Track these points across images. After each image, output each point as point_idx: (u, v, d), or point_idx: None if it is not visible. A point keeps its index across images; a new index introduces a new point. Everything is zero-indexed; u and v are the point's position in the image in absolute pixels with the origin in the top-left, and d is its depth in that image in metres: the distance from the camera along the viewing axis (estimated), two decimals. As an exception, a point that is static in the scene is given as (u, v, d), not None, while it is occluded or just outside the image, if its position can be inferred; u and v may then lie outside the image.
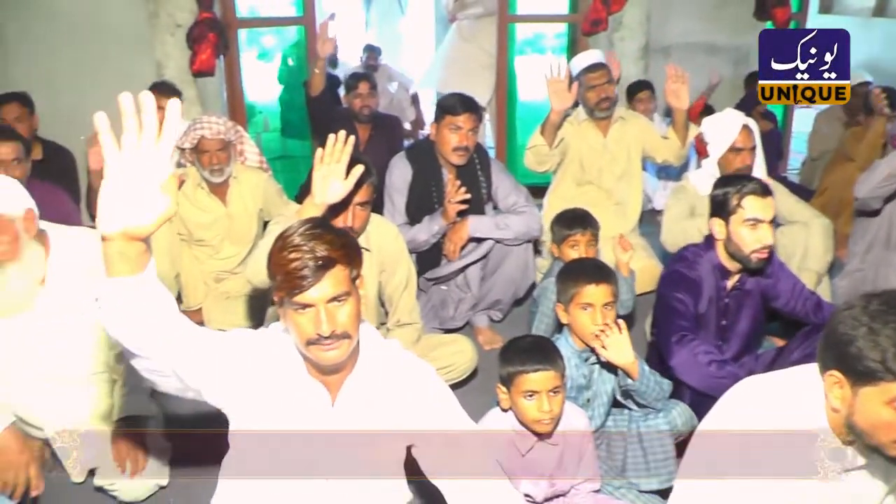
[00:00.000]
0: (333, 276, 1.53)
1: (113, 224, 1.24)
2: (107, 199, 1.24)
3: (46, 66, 4.67)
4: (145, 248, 1.31)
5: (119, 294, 1.31)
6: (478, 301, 3.45)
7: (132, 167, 1.22)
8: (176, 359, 1.47)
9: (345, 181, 2.26)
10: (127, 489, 2.46)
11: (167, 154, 1.24)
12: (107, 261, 1.30)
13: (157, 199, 1.24)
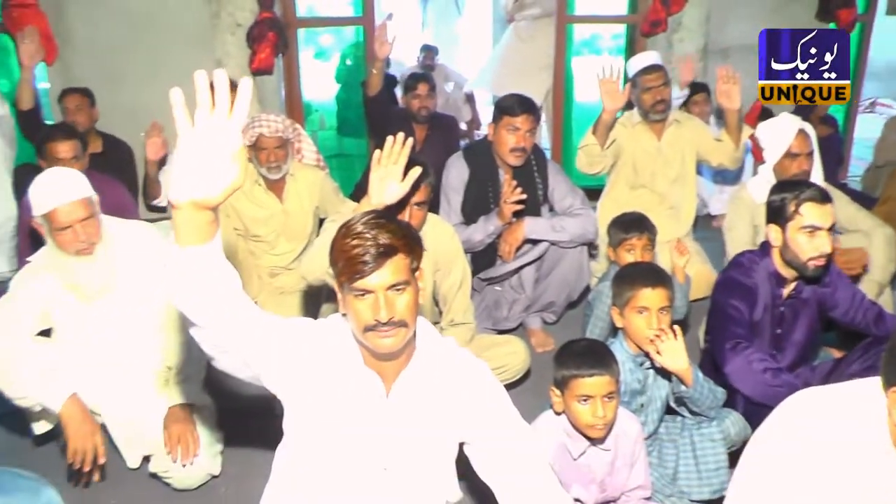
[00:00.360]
0: (394, 264, 1.56)
1: (183, 193, 1.28)
2: (178, 169, 1.27)
3: (110, 63, 4.81)
4: (213, 218, 1.35)
5: (186, 262, 1.35)
6: (531, 303, 3.45)
7: (203, 141, 1.26)
8: (237, 334, 1.50)
9: (402, 183, 2.27)
10: (180, 477, 2.52)
11: (237, 129, 1.27)
12: (176, 229, 1.33)
13: (226, 172, 1.27)
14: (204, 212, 1.32)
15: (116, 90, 4.60)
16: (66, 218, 2.37)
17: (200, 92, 1.24)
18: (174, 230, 1.34)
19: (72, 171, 2.52)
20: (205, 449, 2.54)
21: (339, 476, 1.72)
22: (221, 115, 1.26)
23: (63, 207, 2.37)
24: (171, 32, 4.82)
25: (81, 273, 2.48)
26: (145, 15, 4.78)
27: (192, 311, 1.42)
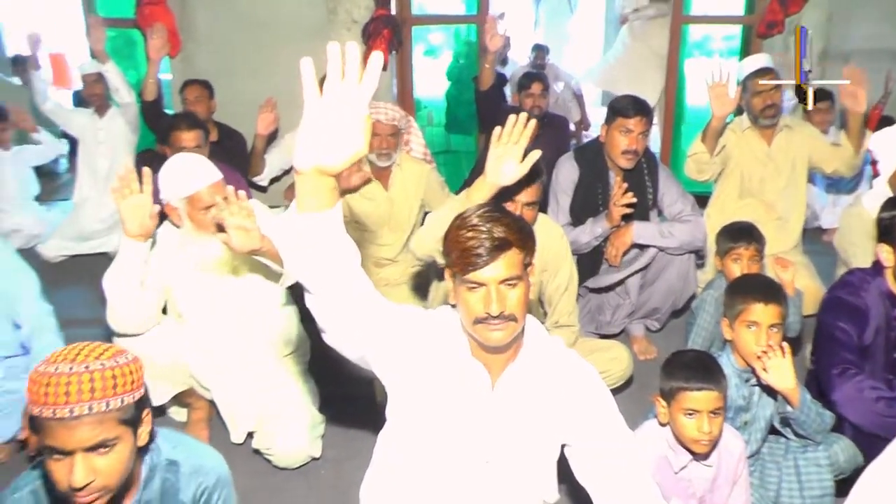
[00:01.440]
0: (507, 259, 1.57)
1: (307, 160, 1.31)
2: (303, 136, 1.30)
3: (229, 57, 5.01)
4: (334, 185, 1.37)
5: (305, 229, 1.38)
6: (635, 309, 3.41)
7: (330, 109, 1.27)
8: (351, 308, 1.52)
9: (520, 164, 2.24)
10: (281, 456, 2.61)
11: (365, 99, 1.28)
12: (298, 196, 1.37)
13: (352, 140, 1.29)
14: (326, 178, 1.34)
15: (234, 83, 4.78)
16: (209, 199, 2.52)
17: (331, 61, 1.25)
18: (296, 197, 1.38)
19: (202, 157, 2.66)
20: (307, 431, 2.62)
21: (441, 466, 1.74)
22: (350, 85, 1.27)
23: (205, 189, 2.52)
24: (288, 28, 4.97)
25: (216, 250, 2.60)
26: (265, 11, 4.95)
27: (308, 279, 1.45)
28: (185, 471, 1.62)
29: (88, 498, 1.39)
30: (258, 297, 2.72)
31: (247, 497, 2.49)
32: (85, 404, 1.34)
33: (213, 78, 4.46)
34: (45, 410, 1.33)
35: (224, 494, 1.68)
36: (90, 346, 1.43)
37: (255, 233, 2.35)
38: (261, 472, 2.65)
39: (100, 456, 1.38)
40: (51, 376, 1.34)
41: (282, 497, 2.55)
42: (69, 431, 1.34)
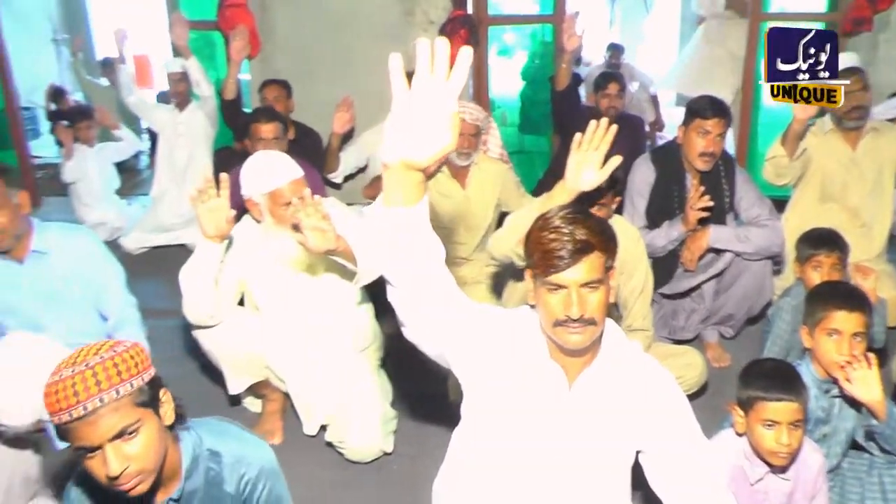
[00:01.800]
0: (589, 262, 1.56)
1: (394, 153, 1.32)
2: (391, 131, 1.31)
3: (307, 58, 5.09)
4: (422, 180, 1.38)
5: (391, 223, 1.40)
6: (710, 314, 3.34)
7: (418, 104, 1.28)
8: (432, 303, 1.54)
9: (600, 171, 2.24)
10: (354, 449, 2.66)
11: (454, 95, 1.28)
12: (385, 189, 1.39)
13: (440, 134, 1.29)
14: (414, 173, 1.36)
15: (311, 83, 4.85)
16: (290, 194, 2.57)
17: (420, 55, 1.26)
18: (383, 191, 1.40)
19: (284, 154, 2.71)
20: (379, 426, 2.66)
21: (514, 466, 1.74)
22: (439, 80, 1.27)
23: (286, 186, 2.58)
24: (365, 29, 5.03)
25: (296, 246, 2.63)
26: (342, 13, 5.01)
27: (392, 272, 1.47)
28: (228, 461, 1.64)
29: (129, 484, 1.43)
30: (335, 293, 2.76)
31: (319, 489, 2.55)
32: (95, 397, 1.36)
33: (291, 78, 4.54)
34: (62, 416, 1.36)
35: (269, 486, 1.69)
36: (88, 347, 1.45)
37: (331, 233, 2.39)
38: (333, 464, 2.70)
39: (127, 442, 1.41)
40: (58, 384, 1.37)
41: (353, 490, 2.59)
42: (90, 427, 1.37)
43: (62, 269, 2.71)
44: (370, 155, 4.43)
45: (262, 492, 1.66)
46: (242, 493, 1.64)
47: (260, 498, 1.67)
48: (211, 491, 1.62)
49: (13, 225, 2.57)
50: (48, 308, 2.76)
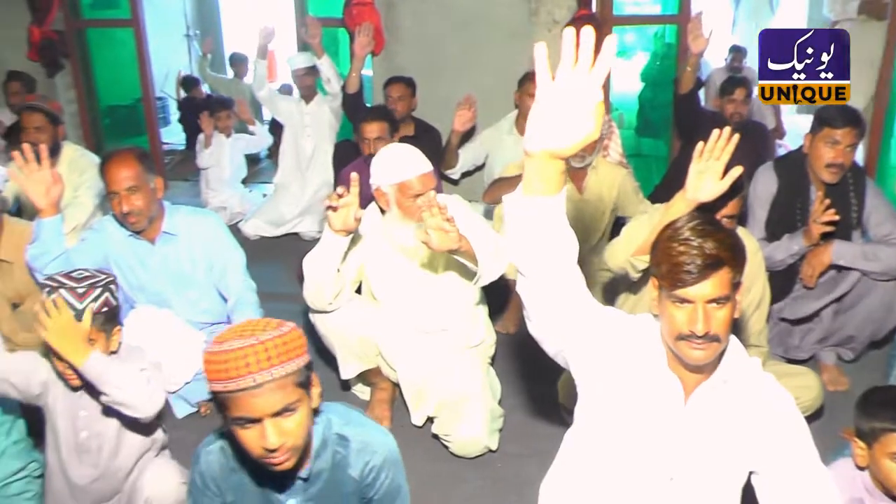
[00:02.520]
0: (718, 278, 1.54)
1: (536, 143, 1.34)
2: (535, 119, 1.33)
3: (430, 55, 5.15)
4: (562, 170, 1.40)
5: (529, 211, 1.42)
6: (828, 335, 3.20)
7: (562, 94, 1.29)
8: (562, 295, 1.55)
9: (720, 181, 2.20)
10: (459, 443, 2.70)
11: (598, 84, 1.28)
12: (525, 178, 1.41)
13: (583, 124, 1.30)
14: (555, 162, 1.37)
15: (433, 81, 4.92)
16: (419, 187, 2.65)
17: (566, 46, 1.27)
18: (523, 180, 1.41)
19: (412, 147, 2.77)
20: (486, 422, 2.69)
21: (624, 476, 1.73)
22: (583, 70, 1.27)
23: (416, 179, 2.65)
24: (489, 28, 5.06)
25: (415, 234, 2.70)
26: (467, 11, 5.06)
27: (525, 261, 1.49)
28: (354, 447, 1.68)
29: (282, 458, 1.49)
30: (451, 289, 2.82)
31: (423, 481, 2.58)
32: (266, 371, 1.42)
33: (414, 75, 4.65)
34: (229, 385, 1.42)
35: (392, 475, 1.73)
36: (253, 322, 1.52)
37: (454, 234, 2.44)
38: (439, 458, 2.75)
39: (285, 419, 1.47)
40: (227, 353, 1.42)
41: (457, 485, 2.62)
42: (255, 400, 1.42)
43: (189, 250, 2.89)
44: (489, 153, 4.47)
45: (384, 480, 1.71)
46: (365, 479, 1.70)
47: (382, 486, 1.71)
48: (336, 473, 1.68)
49: (148, 208, 2.75)
50: (174, 286, 2.94)
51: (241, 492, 1.69)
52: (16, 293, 2.88)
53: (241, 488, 1.69)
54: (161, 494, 2.02)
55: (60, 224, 2.72)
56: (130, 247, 2.89)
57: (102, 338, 2.02)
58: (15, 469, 2.19)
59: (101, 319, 2.00)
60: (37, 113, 3.79)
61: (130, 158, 2.71)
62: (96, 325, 1.99)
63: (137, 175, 2.70)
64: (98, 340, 2.00)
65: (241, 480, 1.68)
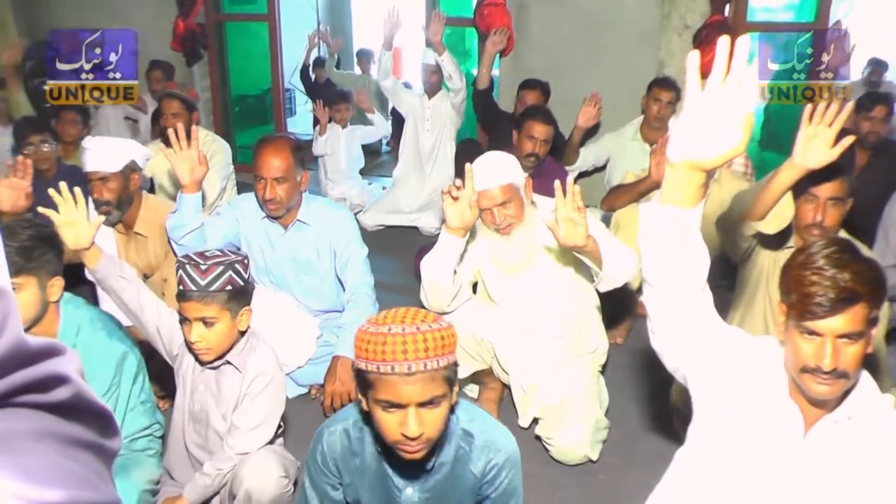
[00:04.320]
0: (852, 314, 1.44)
1: (680, 152, 1.32)
2: (681, 129, 1.31)
3: (559, 56, 5.14)
4: (703, 182, 1.36)
5: (665, 221, 1.39)
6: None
7: (711, 105, 1.27)
8: (688, 309, 1.51)
9: (831, 149, 2.13)
10: (560, 449, 2.67)
11: (749, 97, 1.26)
12: (664, 186, 1.38)
13: (730, 136, 1.27)
14: (697, 174, 1.34)
15: (561, 82, 4.89)
16: (486, 202, 2.63)
17: (718, 58, 1.25)
18: (662, 187, 1.39)
19: (506, 156, 2.74)
20: (589, 432, 2.65)
21: (735, 502, 1.67)
22: (732, 84, 1.25)
23: (486, 191, 2.62)
24: (619, 31, 5.00)
25: (499, 248, 2.74)
26: (597, 13, 5.01)
27: (655, 272, 1.47)
28: (478, 444, 1.69)
29: (416, 447, 1.52)
30: (568, 296, 2.79)
31: (525, 482, 2.57)
32: (421, 361, 1.45)
33: (541, 76, 4.67)
34: (382, 366, 1.45)
35: (512, 474, 1.73)
36: (413, 311, 1.54)
37: (582, 228, 2.39)
38: (539, 461, 2.72)
39: (428, 410, 1.49)
40: (386, 335, 1.46)
41: (556, 491, 2.60)
42: (406, 386, 1.45)
43: (318, 240, 2.99)
44: (611, 158, 4.42)
45: (504, 479, 1.72)
46: (486, 476, 1.71)
47: (501, 484, 1.72)
48: (457, 467, 1.70)
49: (289, 199, 2.86)
50: (297, 273, 3.04)
51: (360, 475, 1.74)
52: (147, 265, 3.05)
53: (360, 471, 1.73)
54: (261, 487, 2.05)
55: (200, 201, 2.88)
56: (264, 228, 3.01)
57: (227, 316, 2.07)
58: (142, 426, 2.29)
59: (224, 297, 2.04)
60: (175, 100, 4.03)
61: (286, 149, 2.81)
62: (219, 303, 2.04)
63: (288, 167, 2.80)
64: (221, 319, 2.05)
65: (362, 464, 1.73)
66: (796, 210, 2.55)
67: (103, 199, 2.89)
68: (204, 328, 2.05)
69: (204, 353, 2.09)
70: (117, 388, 2.17)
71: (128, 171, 2.93)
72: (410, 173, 5.33)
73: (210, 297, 2.02)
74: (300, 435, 2.54)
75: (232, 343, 2.13)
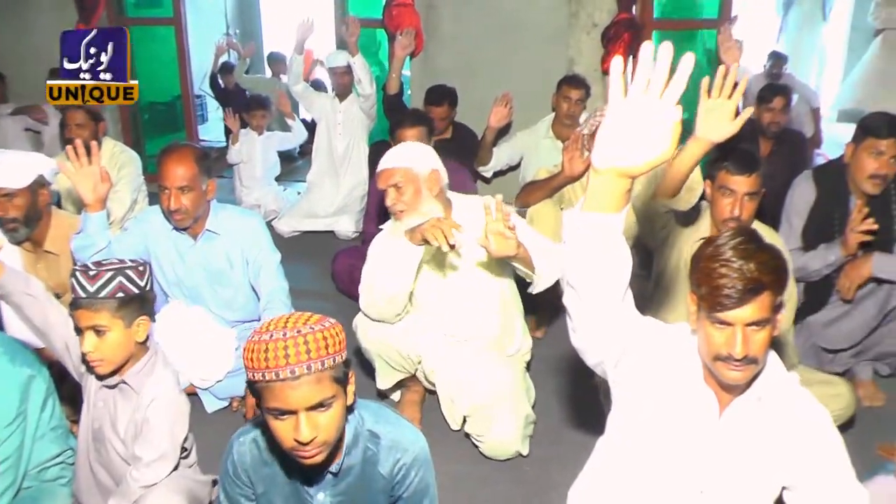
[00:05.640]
0: (759, 303, 1.50)
1: (605, 160, 1.32)
2: (605, 136, 1.30)
3: (470, 56, 5.17)
4: (628, 188, 1.36)
5: (587, 228, 1.40)
6: (864, 349, 3.14)
7: (633, 113, 1.27)
8: (610, 311, 1.52)
9: (732, 121, 2.17)
10: (490, 446, 2.70)
11: (673, 103, 1.25)
12: (588, 193, 1.38)
13: (657, 143, 1.27)
14: (622, 180, 1.34)
15: (472, 82, 4.93)
16: (381, 182, 2.64)
17: (641, 66, 1.25)
18: (586, 193, 1.39)
19: (422, 146, 2.78)
20: (519, 426, 2.68)
21: (655, 486, 1.72)
22: (654, 92, 1.25)
23: (385, 170, 2.64)
24: (528, 30, 5.05)
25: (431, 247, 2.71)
26: (507, 13, 5.06)
27: (578, 277, 1.47)
28: (385, 444, 1.69)
29: (312, 452, 1.50)
30: (481, 297, 2.80)
31: (452, 481, 2.59)
32: (304, 364, 1.43)
33: (452, 77, 4.67)
34: (267, 374, 1.44)
35: (421, 473, 1.73)
36: (296, 315, 1.53)
37: (513, 241, 2.43)
38: (468, 459, 2.74)
39: (320, 413, 1.48)
40: (268, 342, 1.44)
41: (486, 487, 2.62)
42: (292, 391, 1.44)
43: (229, 249, 2.93)
44: (524, 156, 4.46)
45: (413, 478, 1.72)
46: (395, 477, 1.71)
47: (411, 484, 1.72)
48: (366, 469, 1.69)
49: (196, 209, 2.79)
50: (210, 283, 2.98)
51: (272, 484, 1.72)
52: (59, 283, 2.93)
53: (271, 480, 1.72)
54: None
55: (106, 219, 2.77)
56: (172, 240, 2.93)
57: (119, 325, 1.97)
58: (53, 454, 2.20)
59: (115, 305, 1.96)
60: (79, 110, 3.87)
61: (189, 158, 2.74)
62: (109, 310, 1.95)
63: (193, 176, 2.73)
64: (113, 328, 1.96)
65: (273, 472, 1.71)
66: (713, 203, 2.64)
67: (9, 217, 2.76)
68: (95, 337, 1.96)
69: (97, 364, 1.99)
70: (24, 416, 2.08)
71: (36, 186, 2.81)
72: (324, 177, 5.29)
73: (99, 303, 1.94)
74: (223, 450, 2.48)
75: (128, 355, 2.04)
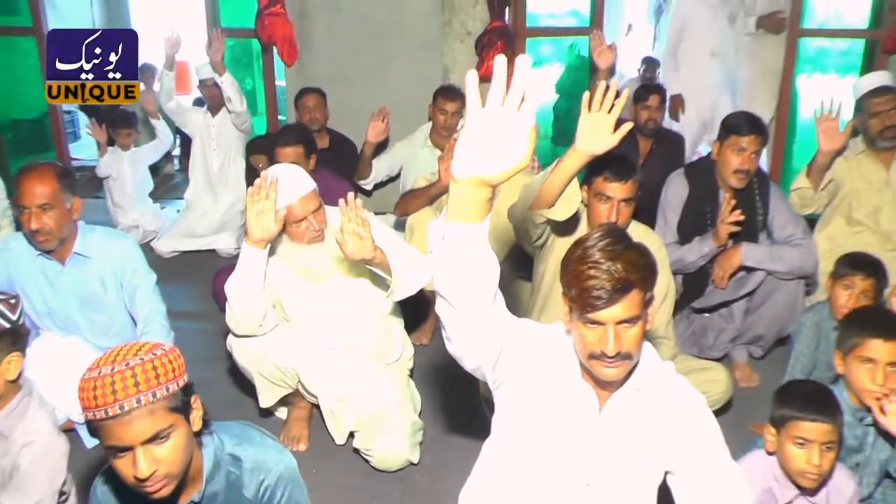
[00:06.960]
0: (629, 300, 1.52)
1: (464, 170, 1.31)
2: (463, 147, 1.30)
3: (344, 65, 5.11)
4: (490, 197, 1.36)
5: (451, 239, 1.39)
6: (739, 334, 3.30)
7: (491, 123, 1.26)
8: (483, 319, 1.52)
9: (612, 135, 2.22)
10: (380, 458, 2.67)
11: (530, 112, 1.26)
12: (450, 203, 1.37)
13: (513, 153, 1.27)
14: (483, 189, 1.33)
15: (346, 91, 4.88)
16: (301, 211, 2.57)
17: (496, 76, 1.24)
18: (448, 206, 1.38)
19: (295, 167, 2.70)
20: (407, 436, 2.67)
21: (541, 484, 1.74)
22: (512, 102, 1.25)
23: (301, 200, 2.57)
24: (402, 39, 5.04)
25: (311, 257, 2.67)
26: (380, 21, 5.03)
27: (446, 287, 1.46)
28: (247, 466, 1.64)
29: (155, 486, 1.43)
30: (363, 305, 2.77)
31: (343, 496, 2.57)
32: (132, 398, 1.37)
33: (327, 86, 4.57)
34: (97, 412, 1.37)
35: (288, 493, 1.68)
36: (127, 346, 1.46)
37: (369, 241, 2.41)
38: (358, 472, 2.71)
39: (158, 446, 1.42)
40: (96, 380, 1.37)
41: (377, 499, 2.59)
42: (124, 427, 1.37)
43: (101, 273, 2.78)
44: (404, 166, 4.44)
45: (280, 499, 1.66)
46: (261, 499, 1.65)
47: None
48: (231, 494, 1.63)
49: (60, 229, 2.63)
50: (83, 309, 2.82)
51: None
52: None
53: None
54: None
55: None
56: (39, 267, 2.76)
57: None
58: None
59: None
60: None
61: (49, 174, 2.59)
62: None
63: (53, 193, 2.58)
64: None
65: None
66: (590, 209, 2.69)
67: None
68: None
69: None
70: None
71: None
72: (202, 195, 5.11)
73: None
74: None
75: None
